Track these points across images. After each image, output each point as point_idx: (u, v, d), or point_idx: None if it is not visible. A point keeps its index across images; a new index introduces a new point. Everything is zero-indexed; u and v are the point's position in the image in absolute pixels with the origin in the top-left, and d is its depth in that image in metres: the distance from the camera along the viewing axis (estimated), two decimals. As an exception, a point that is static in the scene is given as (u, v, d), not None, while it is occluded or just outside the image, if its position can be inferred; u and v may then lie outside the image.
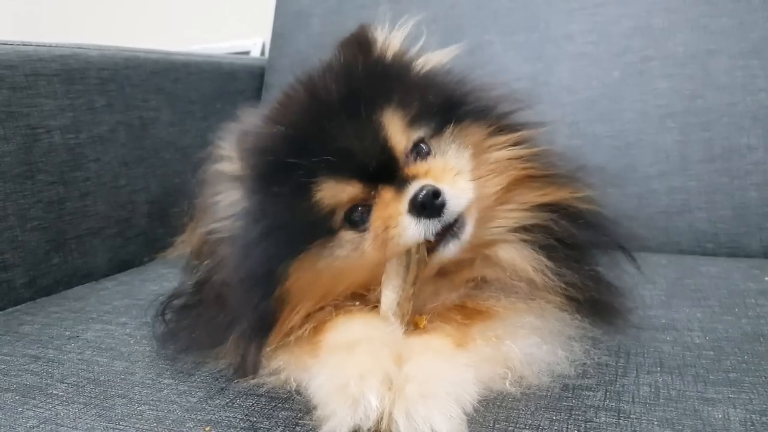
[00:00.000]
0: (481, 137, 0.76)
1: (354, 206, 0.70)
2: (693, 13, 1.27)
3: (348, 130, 0.69)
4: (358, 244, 0.71)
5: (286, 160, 0.69)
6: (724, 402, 0.63)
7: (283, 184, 0.70)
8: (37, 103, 1.10)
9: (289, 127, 0.72)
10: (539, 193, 0.76)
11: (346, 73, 0.75)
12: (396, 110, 0.71)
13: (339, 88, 0.72)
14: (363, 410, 0.57)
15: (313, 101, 0.73)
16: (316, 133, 0.70)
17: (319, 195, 0.69)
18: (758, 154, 1.19)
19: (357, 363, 0.61)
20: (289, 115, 0.74)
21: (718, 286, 0.98)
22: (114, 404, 0.67)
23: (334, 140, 0.69)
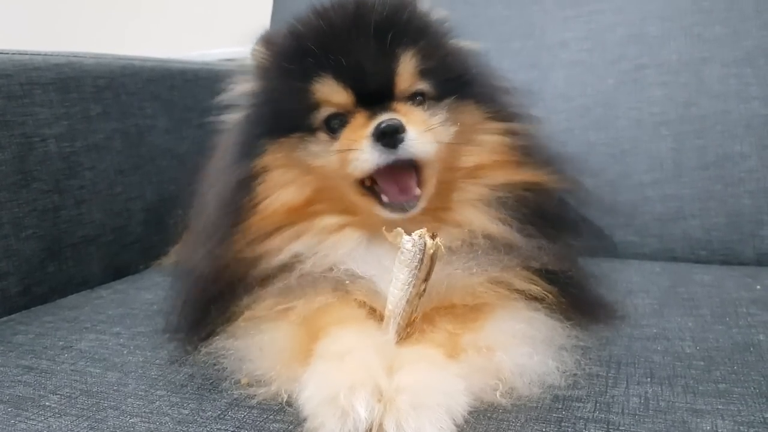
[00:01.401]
0: (475, 120, 0.81)
1: (337, 113, 0.76)
2: (687, 22, 1.28)
3: (367, 47, 0.74)
4: (328, 148, 0.76)
5: (301, 51, 0.76)
6: (712, 413, 0.63)
7: (288, 72, 0.77)
8: (33, 112, 1.10)
9: (312, 26, 0.78)
10: (512, 173, 0.81)
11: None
12: (415, 55, 0.76)
13: (375, 8, 0.77)
14: (352, 422, 0.57)
15: (346, 12, 0.77)
16: (337, 36, 0.75)
17: (316, 87, 0.75)
18: (751, 161, 1.19)
19: (347, 373, 0.61)
20: (319, 16, 0.79)
21: (710, 294, 0.98)
22: (106, 416, 0.68)
23: (351, 49, 0.74)
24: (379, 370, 0.62)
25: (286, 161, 0.79)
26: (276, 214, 0.78)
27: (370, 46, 0.74)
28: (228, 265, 0.77)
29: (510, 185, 0.80)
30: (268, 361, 0.70)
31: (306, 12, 0.81)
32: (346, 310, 0.74)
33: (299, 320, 0.73)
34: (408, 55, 0.76)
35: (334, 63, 0.74)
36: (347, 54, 0.74)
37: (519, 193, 0.80)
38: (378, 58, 0.75)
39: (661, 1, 1.31)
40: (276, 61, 0.81)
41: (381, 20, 0.75)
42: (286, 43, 0.80)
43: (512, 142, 0.82)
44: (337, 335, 0.69)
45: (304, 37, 0.77)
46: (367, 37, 0.74)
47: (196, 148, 1.43)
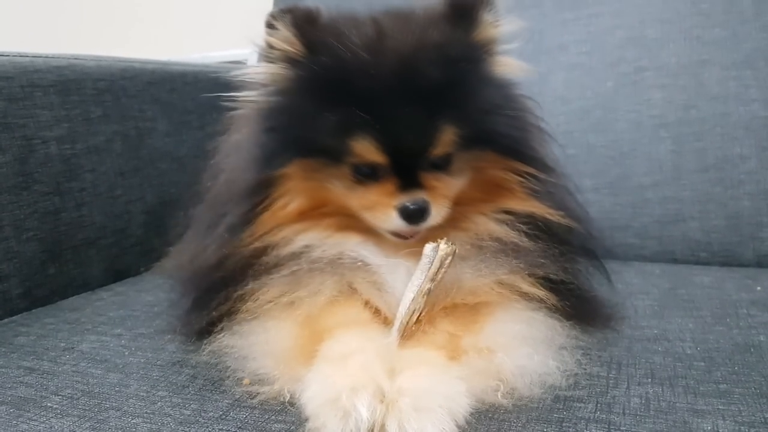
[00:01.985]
0: (493, 164, 0.80)
1: (368, 167, 0.75)
2: (686, 24, 1.28)
3: (413, 114, 0.72)
4: (350, 189, 0.76)
5: (345, 82, 0.73)
6: (713, 414, 0.63)
7: (330, 98, 0.73)
8: (33, 114, 1.10)
9: (363, 52, 0.73)
10: (522, 203, 0.80)
11: (444, 44, 0.75)
12: (457, 124, 0.74)
13: (429, 55, 0.73)
14: (354, 422, 0.58)
15: (399, 44, 0.74)
16: (384, 95, 0.72)
17: (353, 141, 0.72)
18: (751, 163, 1.20)
19: (349, 375, 0.62)
20: (369, 40, 0.74)
21: (710, 296, 0.98)
22: (108, 417, 0.68)
23: (396, 114, 0.71)
24: (380, 372, 0.63)
25: (306, 176, 0.77)
26: (287, 216, 0.78)
27: (416, 114, 0.72)
28: (234, 253, 0.77)
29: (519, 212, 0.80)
30: (272, 361, 0.70)
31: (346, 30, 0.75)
32: (350, 312, 0.74)
33: (303, 319, 0.73)
34: (450, 126, 0.73)
35: (376, 125, 0.71)
36: (391, 119, 0.71)
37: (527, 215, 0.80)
38: (421, 128, 0.73)
39: (660, 4, 1.31)
40: (313, 84, 0.76)
41: (432, 84, 0.72)
42: (325, 67, 0.74)
43: (525, 182, 0.80)
44: (340, 337, 0.69)
45: (348, 74, 0.73)
46: (415, 103, 0.72)
47: (196, 150, 1.43)
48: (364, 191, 0.75)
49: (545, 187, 0.81)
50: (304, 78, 0.76)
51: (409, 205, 0.73)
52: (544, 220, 0.79)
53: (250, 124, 0.82)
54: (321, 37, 0.76)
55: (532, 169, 0.80)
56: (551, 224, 0.79)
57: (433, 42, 0.74)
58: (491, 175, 0.80)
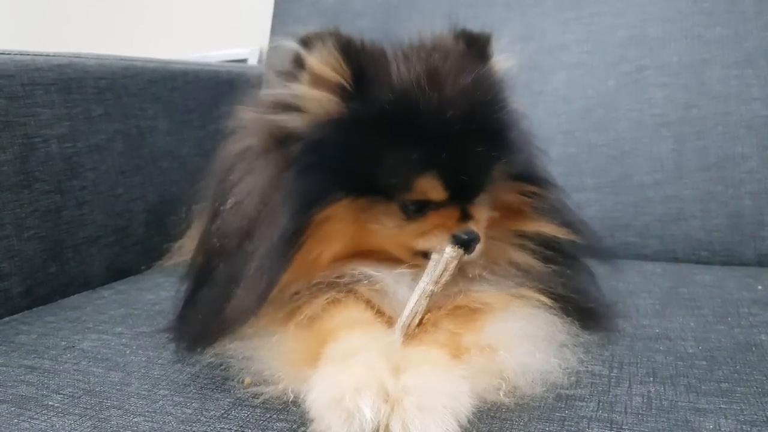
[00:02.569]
0: (506, 189, 0.82)
1: (425, 203, 0.75)
2: (687, 23, 1.28)
3: (475, 154, 0.73)
4: (399, 225, 0.75)
5: (410, 120, 0.71)
6: (715, 412, 0.63)
7: (393, 135, 0.72)
8: (34, 113, 1.10)
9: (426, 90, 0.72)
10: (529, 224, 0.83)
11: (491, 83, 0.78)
12: (507, 162, 0.77)
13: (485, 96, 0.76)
14: (358, 423, 0.57)
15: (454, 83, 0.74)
16: (449, 135, 0.72)
17: (417, 180, 0.73)
18: (752, 162, 1.20)
19: (353, 375, 0.61)
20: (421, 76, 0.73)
21: (712, 294, 0.98)
22: (109, 415, 0.68)
23: (460, 153, 0.72)
24: (384, 371, 0.62)
25: (348, 218, 0.74)
26: (319, 264, 0.75)
27: (476, 153, 0.73)
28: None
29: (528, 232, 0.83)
30: (276, 362, 0.70)
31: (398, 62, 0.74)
32: (354, 313, 0.74)
33: (306, 321, 0.73)
34: (503, 168, 0.77)
35: (443, 163, 0.72)
36: (454, 158, 0.72)
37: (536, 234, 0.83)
38: (481, 169, 0.75)
39: (662, 3, 1.31)
40: (366, 116, 0.72)
41: (493, 125, 0.75)
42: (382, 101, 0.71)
43: (532, 202, 0.83)
44: (344, 338, 0.69)
45: (407, 115, 0.71)
46: (475, 142, 0.73)
47: (197, 149, 1.44)
48: (417, 224, 0.75)
49: (549, 204, 0.84)
50: (359, 112, 0.72)
51: (464, 236, 0.75)
52: (551, 239, 0.82)
53: (279, 160, 0.75)
54: (370, 68, 0.73)
55: (538, 188, 0.83)
56: (558, 241, 0.82)
57: (483, 83, 0.76)
58: (503, 199, 0.82)
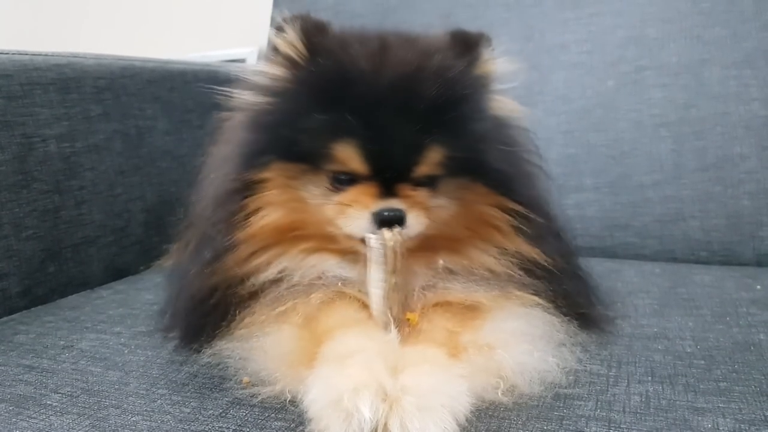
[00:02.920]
0: (481, 197, 0.78)
1: (348, 174, 0.74)
2: (687, 24, 1.28)
3: (402, 131, 0.71)
4: (325, 196, 0.75)
5: (340, 87, 0.72)
6: (713, 412, 0.63)
7: (322, 101, 0.73)
8: (33, 112, 1.10)
9: (363, 61, 0.73)
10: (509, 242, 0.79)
11: (444, 68, 0.75)
12: (445, 148, 0.73)
13: (428, 75, 0.73)
14: (357, 423, 0.57)
15: (396, 80, 0.73)
16: (377, 106, 0.71)
17: (337, 148, 0.72)
18: (751, 162, 1.20)
19: (350, 375, 0.61)
20: (371, 52, 0.75)
21: (710, 294, 0.98)
22: (108, 415, 0.68)
23: (385, 127, 0.71)
24: (382, 371, 0.62)
25: (283, 183, 0.77)
26: (263, 232, 0.77)
27: (405, 130, 0.71)
28: (219, 284, 0.77)
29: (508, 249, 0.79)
30: (273, 363, 0.70)
31: (351, 40, 0.77)
32: (349, 313, 0.74)
33: (302, 321, 0.73)
34: (439, 148, 0.73)
35: (363, 135, 0.71)
36: (380, 131, 0.71)
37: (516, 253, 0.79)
38: (410, 144, 0.72)
39: (661, 4, 1.31)
40: (308, 86, 0.76)
41: (427, 103, 0.72)
42: (324, 71, 0.75)
43: (512, 220, 0.78)
44: (340, 338, 0.69)
45: (344, 81, 0.73)
46: (407, 118, 0.71)
47: (196, 149, 1.43)
48: (339, 197, 0.74)
49: (533, 227, 0.78)
50: (299, 80, 0.76)
51: (384, 212, 0.72)
52: (533, 260, 0.78)
53: (240, 126, 0.82)
54: (325, 43, 0.77)
55: (520, 207, 0.78)
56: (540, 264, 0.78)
57: (434, 64, 0.74)
58: (480, 211, 0.78)
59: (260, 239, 0.77)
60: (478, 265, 0.77)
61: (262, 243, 0.77)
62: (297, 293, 0.75)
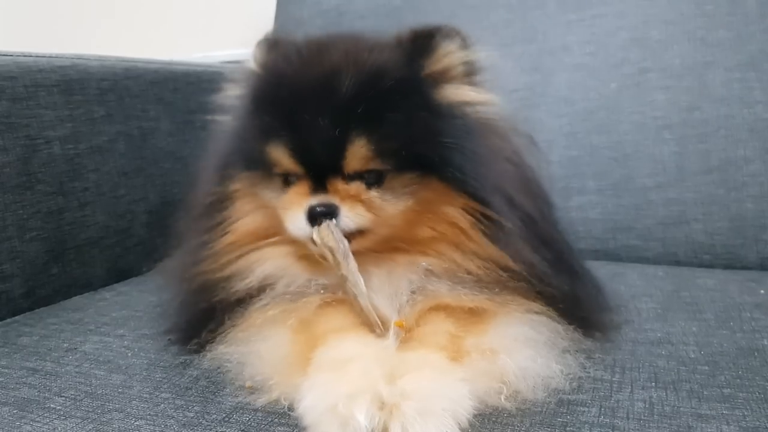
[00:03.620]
0: (437, 194, 0.76)
1: (287, 173, 0.77)
2: (690, 26, 1.28)
3: (324, 124, 0.72)
4: (279, 196, 0.78)
5: (269, 93, 0.78)
6: (717, 418, 0.63)
7: (257, 108, 0.79)
8: (37, 114, 1.10)
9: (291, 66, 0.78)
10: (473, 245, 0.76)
11: (373, 64, 0.75)
12: (373, 139, 0.72)
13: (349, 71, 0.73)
14: (352, 431, 0.57)
15: (317, 74, 0.75)
16: (299, 102, 0.73)
17: (270, 148, 0.75)
18: (755, 165, 1.19)
19: (346, 382, 0.61)
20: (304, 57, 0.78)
21: (714, 299, 0.98)
22: (111, 419, 0.68)
23: (308, 122, 0.72)
24: (378, 377, 0.62)
25: (249, 191, 0.81)
26: (242, 238, 0.81)
27: (326, 123, 0.71)
28: (203, 287, 0.80)
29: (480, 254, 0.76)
30: (269, 368, 0.70)
31: (291, 50, 0.80)
32: (347, 318, 0.74)
33: (298, 325, 0.73)
34: (362, 140, 0.72)
35: (289, 131, 0.74)
36: (303, 126, 0.73)
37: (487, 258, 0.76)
38: (331, 139, 0.72)
39: (664, 5, 1.31)
40: (250, 98, 0.82)
41: (344, 97, 0.72)
42: (260, 80, 0.82)
43: (479, 224, 0.76)
44: (335, 343, 0.69)
45: (274, 87, 0.78)
46: (325, 114, 0.72)
47: (199, 150, 1.43)
48: (284, 198, 0.77)
49: (502, 231, 0.75)
50: (247, 94, 0.84)
51: (316, 207, 0.73)
52: (504, 266, 0.75)
53: (214, 144, 0.90)
54: (272, 57, 0.82)
55: (484, 208, 0.75)
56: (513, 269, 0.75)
57: (362, 61, 0.74)
58: (442, 211, 0.76)
59: (240, 244, 0.81)
60: (460, 269, 0.76)
61: (241, 249, 0.81)
62: (286, 300, 0.76)
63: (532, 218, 0.78)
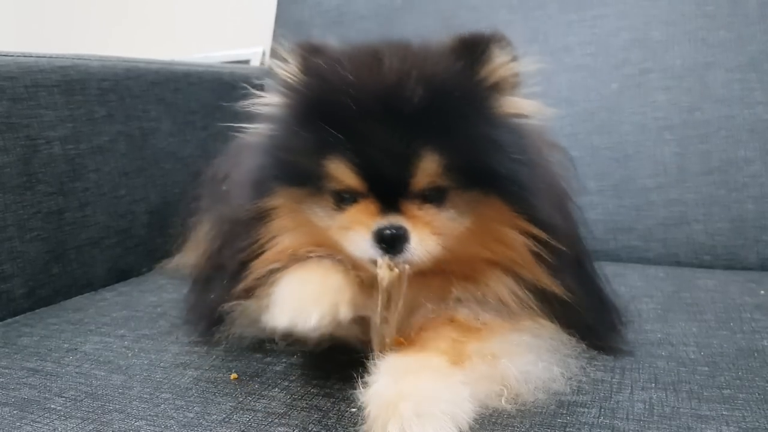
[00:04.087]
0: (497, 214, 0.74)
1: (347, 191, 0.72)
2: (691, 26, 1.28)
3: (391, 140, 0.68)
4: (330, 216, 0.74)
5: (328, 104, 0.71)
6: (717, 419, 0.63)
7: (312, 120, 0.71)
8: (37, 114, 1.10)
9: (351, 76, 0.71)
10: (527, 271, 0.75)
11: (438, 74, 0.72)
12: (443, 154, 0.69)
13: (416, 83, 0.69)
14: (304, 320, 0.64)
15: (379, 88, 0.70)
16: (362, 117, 0.69)
17: (330, 164, 0.70)
18: (755, 166, 1.19)
19: (310, 292, 0.68)
20: (361, 66, 0.72)
21: (714, 299, 0.98)
22: (111, 419, 0.68)
23: (372, 137, 0.68)
24: (339, 290, 0.69)
25: (292, 209, 0.77)
26: (278, 256, 0.77)
27: (394, 139, 0.68)
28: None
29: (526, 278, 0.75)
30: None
31: (343, 57, 0.74)
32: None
33: None
34: (434, 156, 0.68)
35: (352, 147, 0.69)
36: (367, 142, 0.68)
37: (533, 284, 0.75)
38: (400, 154, 0.68)
39: (666, 6, 1.31)
40: (299, 107, 0.76)
41: (414, 110, 0.68)
42: (312, 90, 0.75)
43: (532, 245, 0.74)
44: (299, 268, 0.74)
45: (329, 97, 0.71)
46: (393, 128, 0.68)
47: (200, 151, 1.43)
48: (343, 216, 0.72)
49: (556, 256, 0.74)
50: (293, 103, 0.77)
51: (385, 230, 0.68)
52: (551, 293, 0.74)
53: (249, 154, 0.84)
54: (318, 64, 0.75)
55: (541, 233, 0.73)
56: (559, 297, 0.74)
57: (426, 71, 0.71)
58: (497, 230, 0.74)
59: (276, 262, 0.77)
60: (492, 296, 0.74)
61: (278, 265, 0.77)
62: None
63: (572, 241, 0.77)
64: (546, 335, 0.73)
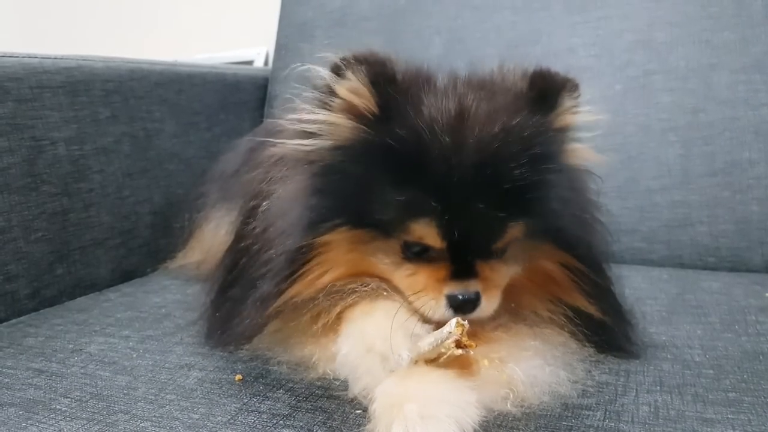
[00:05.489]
0: (546, 254, 0.76)
1: (424, 248, 0.70)
2: (695, 28, 1.28)
3: (484, 201, 0.67)
4: (398, 265, 0.72)
5: (419, 162, 0.68)
6: (722, 423, 0.63)
7: (399, 173, 0.69)
8: (42, 115, 1.11)
9: (444, 134, 0.67)
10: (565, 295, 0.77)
11: (527, 136, 0.69)
12: (525, 224, 0.70)
13: (511, 151, 0.68)
14: (395, 364, 0.64)
15: (481, 132, 0.68)
16: (456, 186, 0.67)
17: (414, 223, 0.68)
18: (760, 168, 1.19)
19: (377, 326, 0.67)
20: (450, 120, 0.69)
21: (719, 302, 0.98)
22: (117, 420, 0.68)
23: (465, 208, 0.67)
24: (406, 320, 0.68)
25: (351, 248, 0.73)
26: (320, 285, 0.74)
27: (488, 210, 0.67)
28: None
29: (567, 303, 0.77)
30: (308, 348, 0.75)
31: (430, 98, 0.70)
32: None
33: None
34: (522, 222, 0.69)
35: (442, 213, 0.67)
36: (461, 210, 0.67)
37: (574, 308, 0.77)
38: (491, 223, 0.68)
39: (670, 7, 1.31)
40: (381, 153, 0.69)
41: (511, 184, 0.67)
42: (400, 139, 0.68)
43: (575, 278, 0.76)
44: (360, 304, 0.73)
45: (422, 157, 0.67)
46: (490, 197, 0.67)
47: (204, 152, 1.44)
48: (413, 272, 0.71)
49: (592, 286, 0.77)
50: (372, 143, 0.70)
51: (459, 296, 0.69)
52: (587, 315, 0.76)
53: (302, 178, 0.76)
54: (398, 100, 0.70)
55: (585, 267, 0.76)
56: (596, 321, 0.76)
57: (517, 134, 0.69)
58: (544, 266, 0.77)
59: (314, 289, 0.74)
60: (526, 308, 0.77)
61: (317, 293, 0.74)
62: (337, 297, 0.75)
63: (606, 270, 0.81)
64: (557, 342, 0.73)
